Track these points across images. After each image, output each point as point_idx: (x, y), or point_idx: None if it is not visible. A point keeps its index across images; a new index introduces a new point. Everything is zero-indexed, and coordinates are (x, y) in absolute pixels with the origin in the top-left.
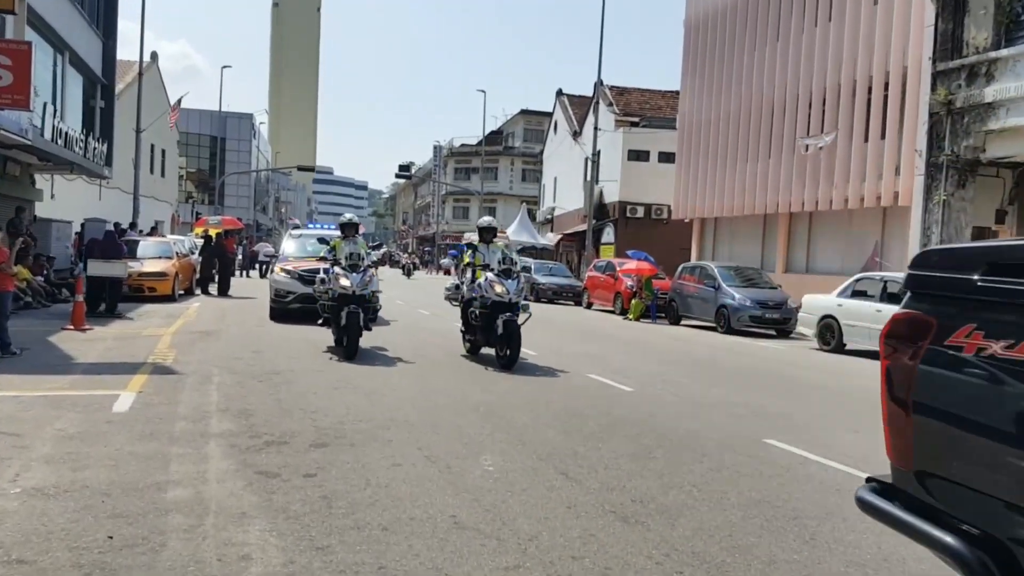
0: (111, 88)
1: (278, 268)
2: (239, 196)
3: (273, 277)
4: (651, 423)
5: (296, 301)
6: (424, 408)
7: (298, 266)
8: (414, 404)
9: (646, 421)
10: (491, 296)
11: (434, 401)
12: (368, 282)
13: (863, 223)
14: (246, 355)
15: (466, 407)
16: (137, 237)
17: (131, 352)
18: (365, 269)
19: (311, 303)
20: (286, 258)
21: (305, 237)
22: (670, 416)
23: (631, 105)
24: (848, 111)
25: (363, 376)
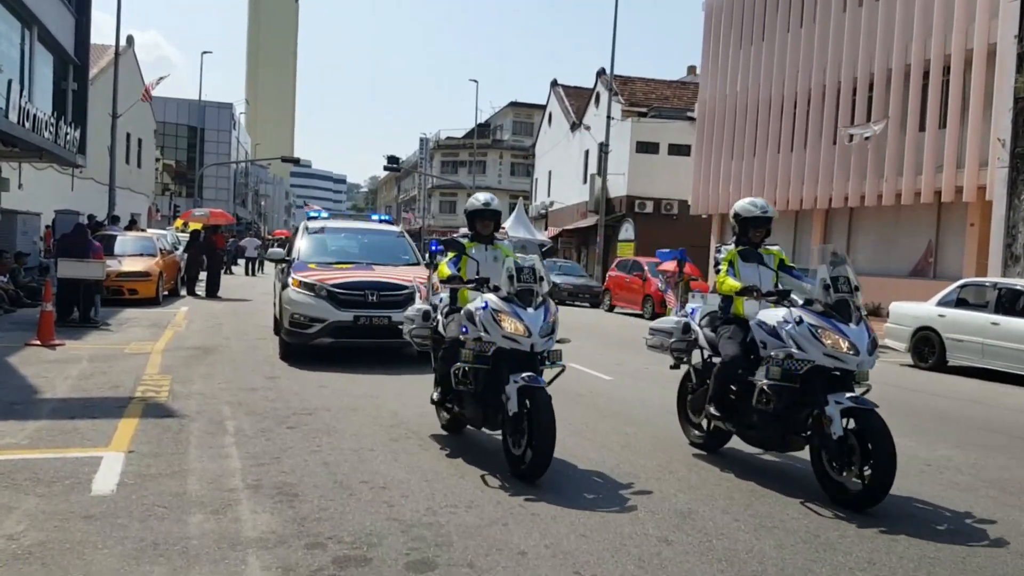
0: (84, 69)
1: (293, 281)
2: (218, 188)
3: (287, 295)
4: None
5: (326, 333)
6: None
7: (327, 278)
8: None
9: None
10: (495, 339)
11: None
12: (553, 327)
13: (914, 221)
14: (260, 383)
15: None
16: (116, 231)
17: (113, 380)
18: (545, 301)
19: (351, 336)
20: (303, 264)
21: (331, 233)
22: None
23: (636, 95)
24: (900, 98)
25: (418, 415)
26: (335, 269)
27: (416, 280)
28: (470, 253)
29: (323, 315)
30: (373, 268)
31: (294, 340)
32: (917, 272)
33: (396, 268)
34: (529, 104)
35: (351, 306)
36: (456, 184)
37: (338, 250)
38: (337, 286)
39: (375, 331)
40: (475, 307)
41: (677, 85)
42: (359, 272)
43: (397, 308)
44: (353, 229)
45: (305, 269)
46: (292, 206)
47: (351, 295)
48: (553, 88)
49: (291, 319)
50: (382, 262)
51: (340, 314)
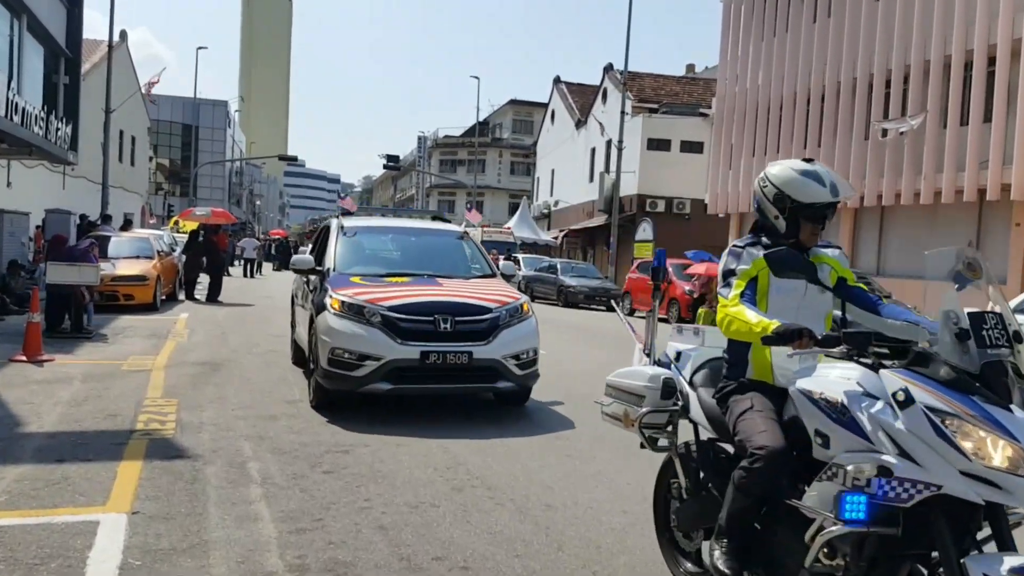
0: (76, 62)
1: (333, 302)
2: (213, 188)
3: (325, 322)
4: None
5: (381, 376)
6: None
7: (379, 296)
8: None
9: None
10: (937, 477)
11: None
12: None
13: (952, 219)
14: (280, 408)
15: None
16: (110, 232)
17: (110, 405)
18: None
19: (417, 380)
20: (344, 278)
21: (374, 234)
22: None
23: (644, 91)
24: (939, 91)
25: (473, 452)
26: (388, 284)
27: (501, 299)
28: (779, 277)
29: (377, 351)
30: (439, 282)
31: (335, 385)
32: None
33: (467, 282)
34: (529, 102)
35: (416, 337)
36: (456, 183)
37: (386, 257)
38: (396, 309)
39: (449, 373)
40: (860, 395)
41: (686, 81)
42: (422, 288)
43: (479, 340)
44: (402, 228)
45: (347, 284)
46: (286, 206)
47: (416, 322)
48: (556, 85)
49: (332, 356)
50: (446, 273)
51: (401, 349)
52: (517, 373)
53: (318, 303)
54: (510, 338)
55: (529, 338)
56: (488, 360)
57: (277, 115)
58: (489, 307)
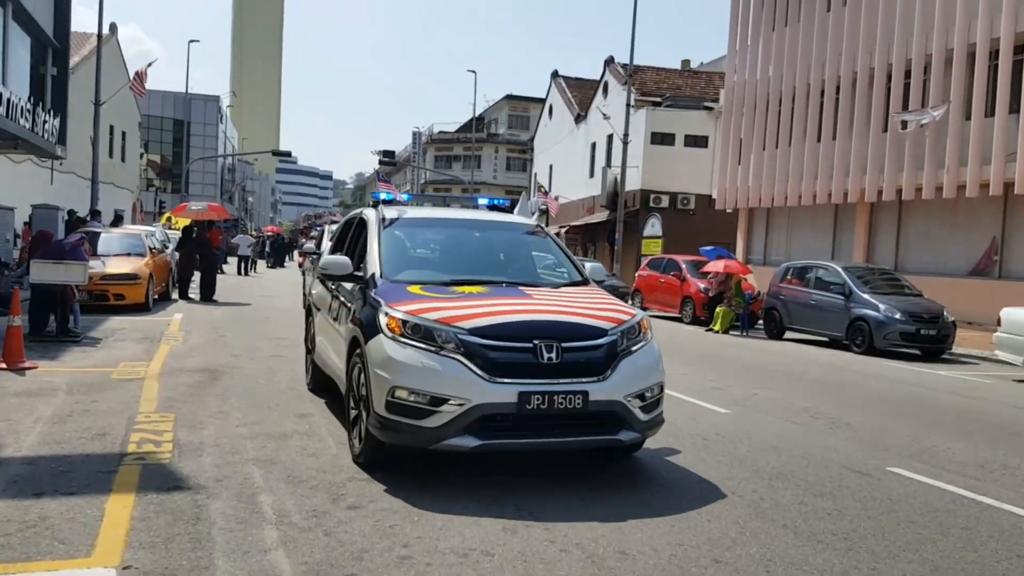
0: (65, 53)
1: (391, 321)
2: (204, 184)
3: (381, 350)
4: None
5: (465, 426)
6: None
7: (456, 313)
8: None
9: None
10: None
11: None
12: None
13: (975, 214)
14: (290, 424)
15: None
16: (99, 228)
17: (98, 422)
18: None
19: (514, 433)
20: (399, 287)
21: (425, 227)
22: None
23: (647, 85)
24: (963, 81)
25: (519, 476)
26: (460, 297)
27: (613, 315)
28: None
29: (459, 391)
30: (525, 293)
31: (397, 439)
32: (978, 271)
33: (559, 292)
34: (525, 97)
35: (511, 372)
36: (452, 179)
37: (446, 259)
38: (481, 331)
39: (557, 422)
40: None
41: (689, 74)
42: (508, 302)
43: (595, 375)
44: (461, 221)
45: (405, 296)
46: (278, 203)
47: (510, 350)
48: (554, 79)
49: (392, 399)
50: (527, 280)
51: (492, 389)
52: (642, 418)
53: (366, 321)
54: (632, 370)
55: (654, 370)
56: (608, 402)
57: (269, 111)
58: (604, 328)
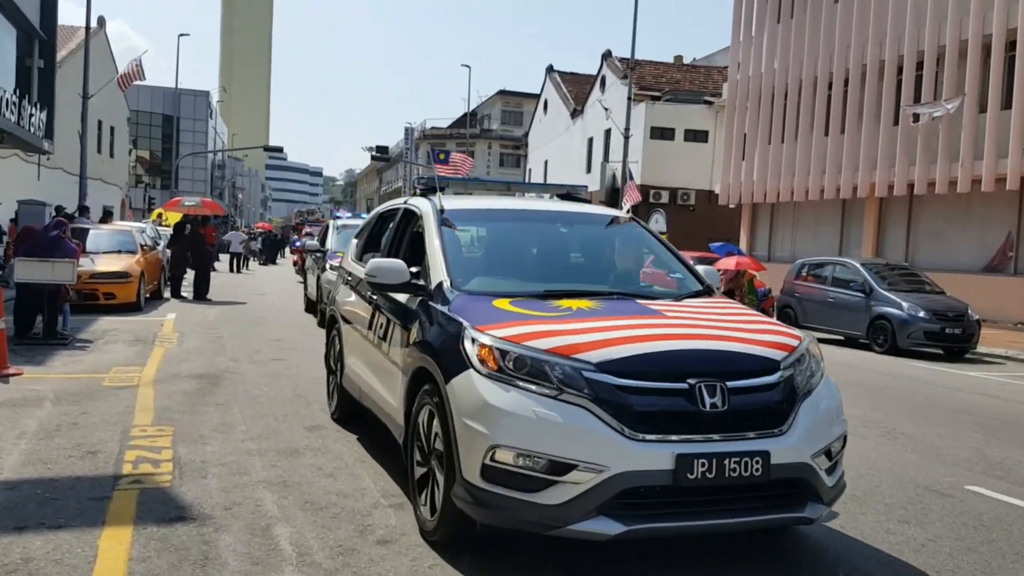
0: (51, 45)
1: (481, 350)
2: (195, 181)
3: (473, 391)
4: None
5: (601, 503)
6: None
7: (576, 341)
8: None
9: None
10: None
11: None
12: None
13: (989, 209)
14: (302, 438)
15: None
16: (88, 224)
17: (89, 438)
18: None
19: (670, 515)
20: (485, 303)
21: (501, 222)
22: None
23: (645, 78)
24: (978, 73)
25: None
26: (566, 314)
27: (776, 340)
28: None
29: (591, 453)
30: (652, 309)
31: (499, 519)
32: (993, 268)
33: (687, 306)
34: (518, 93)
35: (660, 425)
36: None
37: (529, 261)
38: (615, 367)
39: (728, 496)
40: None
41: (687, 68)
42: (636, 322)
43: (773, 426)
44: (538, 213)
45: (492, 313)
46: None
47: (656, 392)
48: (549, 74)
49: (492, 462)
50: (641, 291)
51: (638, 451)
52: (828, 484)
53: (442, 349)
54: (815, 418)
55: (838, 416)
56: (793, 466)
57: (259, 107)
58: (775, 358)
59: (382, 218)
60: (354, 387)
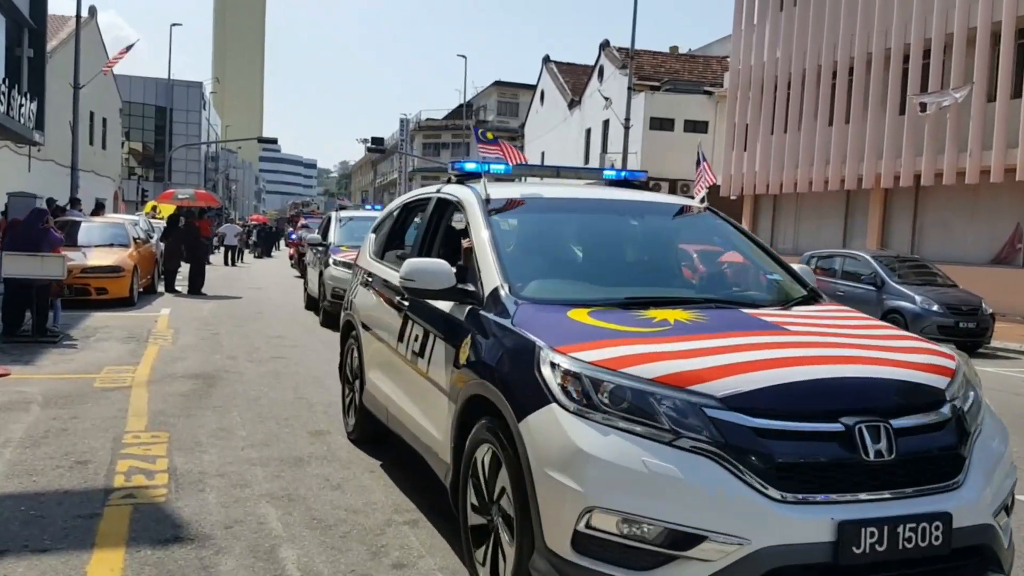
0: (41, 34)
1: (563, 379)
2: (188, 172)
3: (560, 433)
4: None
5: None
6: None
7: (693, 366)
8: None
9: None
10: None
11: None
12: None
13: (997, 200)
14: (305, 445)
15: None
16: (80, 217)
17: (78, 445)
18: None
19: None
20: (557, 314)
21: (557, 213)
22: None
23: (643, 68)
24: (987, 61)
25: None
26: (662, 328)
27: (927, 360)
28: None
29: (724, 520)
30: (767, 321)
31: None
32: (1001, 260)
33: (802, 316)
34: (514, 84)
35: (812, 480)
36: (440, 166)
37: (597, 261)
38: (748, 400)
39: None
40: None
41: (686, 58)
42: (754, 339)
43: (946, 480)
44: (600, 202)
45: (569, 327)
46: (262, 191)
47: (803, 436)
48: (545, 65)
49: (588, 529)
50: (733, 295)
51: (787, 517)
52: (1005, 546)
53: (508, 375)
54: (989, 463)
55: (1005, 455)
56: (977, 529)
57: (252, 98)
58: (938, 386)
59: (407, 209)
60: (378, 407)
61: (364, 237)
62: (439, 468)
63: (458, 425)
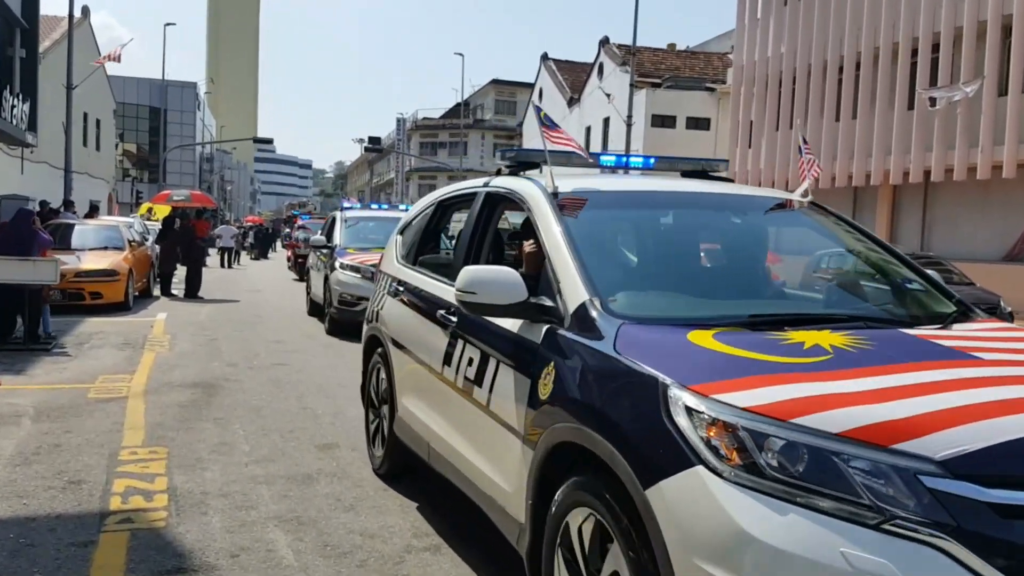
0: (34, 34)
1: (721, 439)
2: (183, 174)
3: (736, 525)
4: None
5: None
6: None
7: (895, 411)
8: None
9: None
10: None
11: None
12: None
13: (1009, 196)
14: (312, 460)
15: None
16: (73, 219)
17: (71, 464)
18: None
19: None
20: (676, 339)
21: (646, 209)
22: None
23: (644, 65)
24: (998, 54)
25: None
26: (821, 361)
27: None
28: None
29: None
30: (950, 348)
31: None
32: (1013, 257)
33: (971, 336)
34: (512, 82)
35: None
36: (439, 166)
37: (697, 268)
38: (979, 465)
39: None
40: None
41: (687, 55)
42: (953, 374)
43: None
44: (690, 195)
45: (697, 357)
46: (257, 192)
47: None
48: (544, 62)
49: None
50: (871, 311)
51: None
52: None
53: (627, 422)
54: None
55: None
56: None
57: (246, 98)
58: None
59: (442, 207)
60: (416, 440)
61: (388, 239)
62: (507, 528)
63: (539, 478)
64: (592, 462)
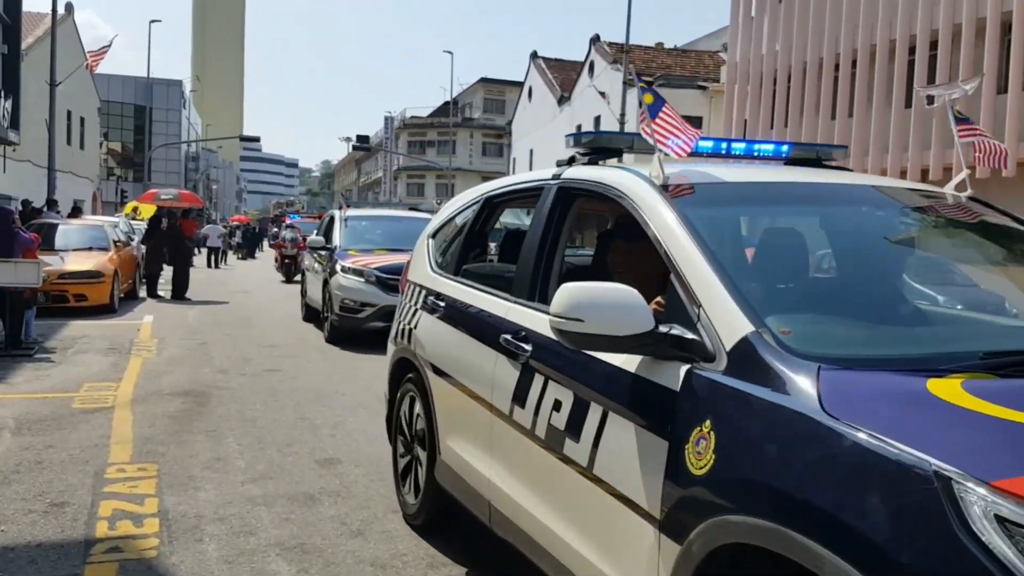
0: (16, 30)
1: None
2: (168, 173)
3: None
4: None
5: None
6: None
7: None
8: None
9: None
10: None
11: None
12: None
13: (1010, 196)
14: (314, 476)
15: None
16: (57, 219)
17: (54, 483)
18: None
19: None
20: (941, 412)
21: (782, 205)
22: None
23: (635, 64)
24: (997, 51)
25: None
26: None
27: None
28: None
29: None
30: None
31: None
32: None
33: None
34: (500, 80)
35: None
36: (427, 165)
37: (860, 281)
38: None
39: None
40: None
41: (678, 53)
42: None
43: None
44: (831, 188)
45: (974, 427)
46: (243, 191)
47: None
48: (533, 61)
49: None
50: None
51: None
52: None
53: (878, 541)
54: None
55: None
56: None
57: (232, 96)
58: None
59: (491, 205)
60: (469, 496)
61: (393, 238)
62: None
63: None
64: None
